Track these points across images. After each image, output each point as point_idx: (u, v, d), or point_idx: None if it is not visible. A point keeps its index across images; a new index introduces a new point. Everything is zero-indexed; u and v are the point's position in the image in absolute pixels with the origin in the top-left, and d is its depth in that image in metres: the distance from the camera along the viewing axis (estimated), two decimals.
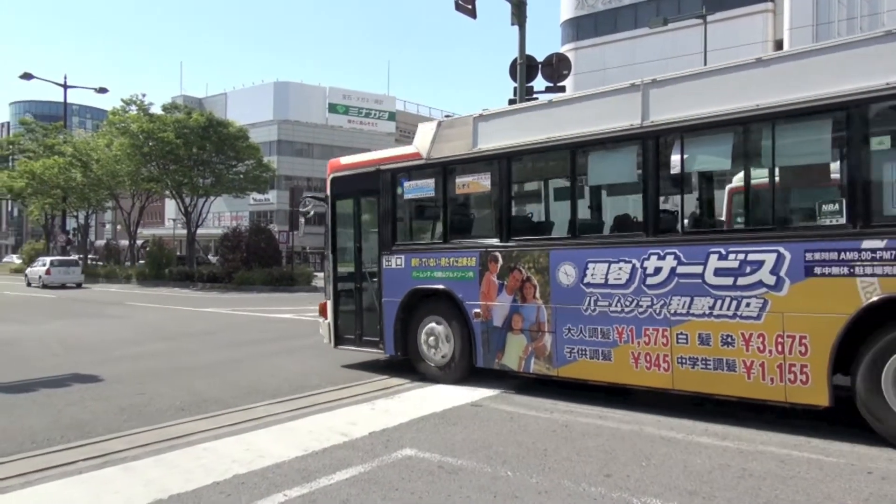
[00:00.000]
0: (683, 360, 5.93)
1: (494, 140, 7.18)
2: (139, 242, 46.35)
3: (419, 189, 7.93)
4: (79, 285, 32.35)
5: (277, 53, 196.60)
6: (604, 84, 6.74)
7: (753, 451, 5.15)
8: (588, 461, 4.93)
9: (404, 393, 7.32)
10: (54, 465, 4.99)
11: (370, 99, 72.09)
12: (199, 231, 37.92)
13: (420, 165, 7.81)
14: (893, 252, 4.93)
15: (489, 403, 6.74)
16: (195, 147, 33.18)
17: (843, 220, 5.20)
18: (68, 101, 41.13)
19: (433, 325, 7.83)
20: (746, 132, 5.68)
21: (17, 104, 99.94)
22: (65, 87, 39.60)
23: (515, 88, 13.30)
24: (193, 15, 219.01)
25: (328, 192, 8.94)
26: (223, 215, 63.86)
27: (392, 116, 72.23)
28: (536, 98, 12.88)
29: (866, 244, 5.05)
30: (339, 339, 8.87)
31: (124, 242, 50.49)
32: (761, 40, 41.51)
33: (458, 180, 7.55)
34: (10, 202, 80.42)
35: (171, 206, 49.64)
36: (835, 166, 5.44)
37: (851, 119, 5.11)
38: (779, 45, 40.55)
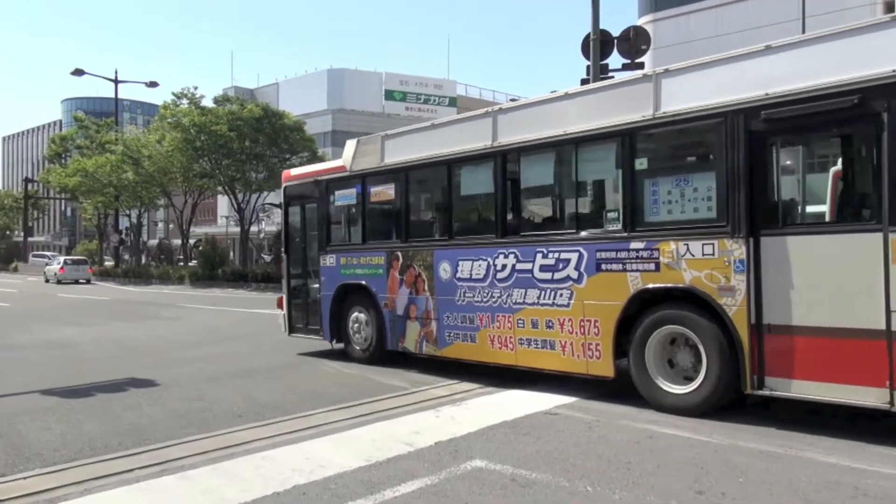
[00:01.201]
0: (522, 341, 7.68)
1: (396, 156, 9.09)
2: (192, 241, 47.92)
3: (345, 198, 9.94)
4: (88, 281, 40.05)
5: (330, 39, 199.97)
6: (687, 58, 6.72)
7: (866, 468, 4.93)
8: (677, 476, 4.81)
9: (471, 400, 7.32)
10: (112, 472, 5.21)
11: (429, 84, 72.43)
12: (253, 228, 38.97)
13: (345, 177, 9.81)
14: (650, 251, 6.53)
15: (565, 412, 6.67)
16: (248, 140, 34.09)
17: (619, 227, 6.80)
18: (119, 96, 42.93)
19: (357, 314, 9.86)
20: (560, 153, 7.39)
21: (68, 101, 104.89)
22: (115, 81, 41.37)
23: (588, 67, 13.11)
24: (243, 3, 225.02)
25: (282, 199, 11.09)
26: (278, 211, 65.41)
27: (453, 102, 72.38)
28: (612, 76, 12.68)
29: (633, 245, 6.65)
30: (291, 329, 11.02)
31: (177, 242, 52.38)
32: (869, 2, 39.57)
33: (372, 190, 9.48)
34: (63, 202, 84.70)
35: (223, 203, 51.17)
36: (615, 182, 6.96)
37: (624, 144, 6.74)
38: (889, 6, 38.54)
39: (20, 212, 68.29)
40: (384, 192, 9.36)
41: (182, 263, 43.62)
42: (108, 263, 47.73)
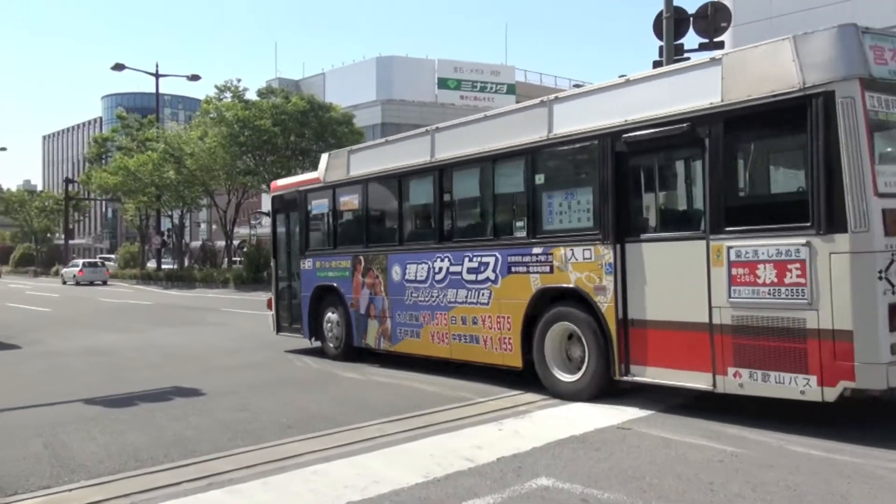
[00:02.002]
0: (455, 337, 9.11)
1: (359, 169, 10.76)
2: (236, 243, 48.94)
3: (320, 207, 11.65)
4: (104, 282, 45.42)
5: (379, 25, 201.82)
6: (770, 36, 6.57)
7: None
8: (767, 499, 4.69)
9: (537, 412, 7.28)
10: (158, 485, 5.35)
11: (485, 70, 72.35)
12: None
13: (319, 188, 11.53)
14: (546, 256, 7.92)
15: (639, 426, 6.58)
16: (293, 135, 34.63)
17: (525, 234, 8.22)
18: (160, 91, 44.14)
19: (329, 314, 11.48)
20: (482, 168, 8.83)
21: (108, 97, 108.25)
22: (156, 76, 42.56)
23: (661, 48, 12.89)
24: None
25: (270, 208, 13.08)
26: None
27: (511, 89, 72.19)
28: (688, 58, 12.46)
29: (534, 250, 8.05)
30: (279, 328, 12.76)
31: (220, 243, 53.57)
32: None
33: (341, 199, 11.18)
34: (104, 203, 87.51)
35: (268, 202, 52.23)
36: (522, 194, 8.34)
37: (527, 161, 8.16)
38: None
39: (61, 214, 70.76)
40: (350, 202, 11.11)
41: (226, 266, 44.58)
42: (151, 266, 49.11)
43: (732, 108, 6.37)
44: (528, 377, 8.46)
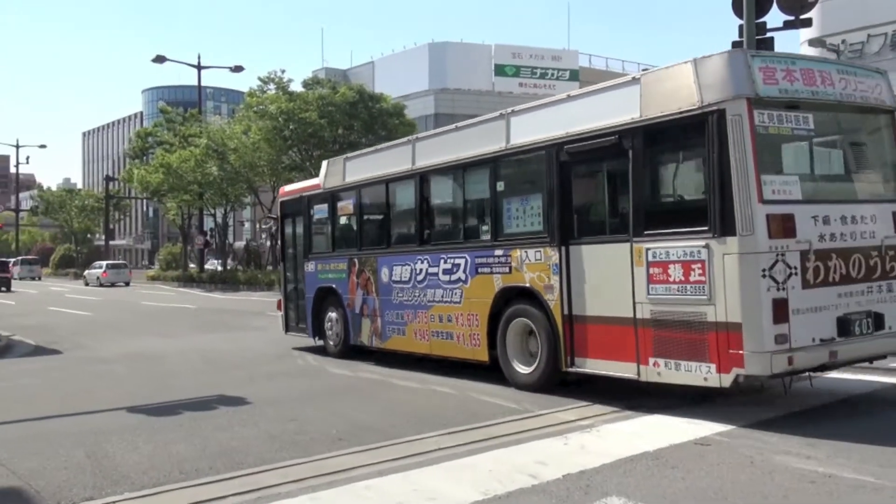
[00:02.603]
0: (434, 333, 10.42)
1: (353, 175, 12.19)
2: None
3: (321, 212, 13.12)
4: (127, 283, 49.36)
5: (431, 9, 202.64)
6: (862, 16, 6.45)
7: None
8: None
9: (605, 426, 7.22)
10: (204, 499, 5.47)
11: (546, 55, 72.01)
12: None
13: (320, 193, 12.99)
14: (506, 257, 9.14)
15: (719, 441, 6.47)
16: (341, 127, 34.96)
17: (489, 237, 9.50)
18: (202, 83, 45.08)
19: (330, 313, 12.89)
20: (455, 175, 10.31)
21: (149, 91, 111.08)
22: (198, 67, 43.50)
23: (741, 27, 12.63)
24: None
25: (278, 213, 14.70)
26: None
27: (574, 75, 71.69)
28: (772, 38, 12.17)
29: (496, 252, 9.28)
30: (288, 327, 14.40)
31: (266, 243, 54.43)
32: None
33: (338, 204, 12.62)
34: (145, 202, 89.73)
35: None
36: (487, 200, 9.70)
37: (490, 170, 9.52)
38: None
39: (101, 213, 72.73)
40: (346, 207, 12.54)
41: (271, 267, 45.26)
42: (193, 268, 50.18)
43: (648, 123, 7.58)
44: (659, 399, 8.34)
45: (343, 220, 12.85)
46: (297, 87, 38.04)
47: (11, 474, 6.26)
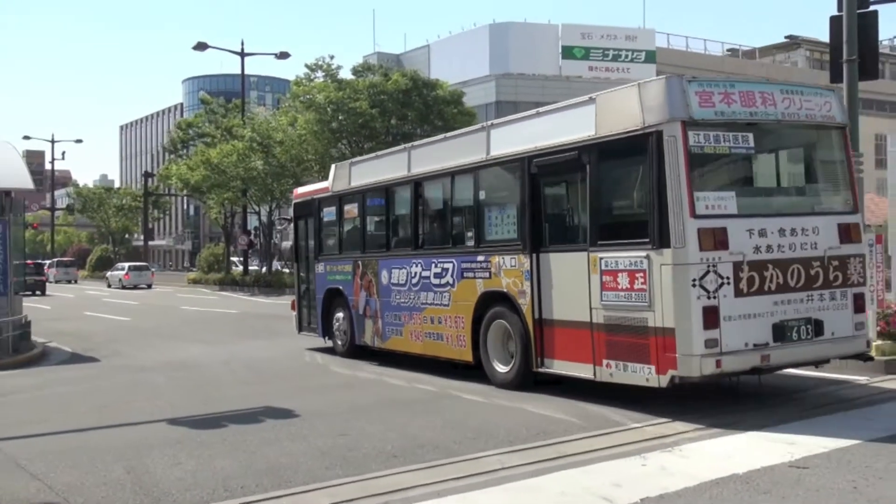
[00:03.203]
0: (427, 334, 11.79)
1: (357, 180, 13.68)
2: None
3: (329, 214, 14.63)
4: (149, 286, 51.72)
5: None
6: None
7: None
8: None
9: (687, 445, 7.13)
10: None
11: (619, 35, 71.25)
12: None
13: (328, 196, 14.49)
14: (487, 263, 10.45)
15: (818, 463, 6.33)
16: (394, 118, 35.14)
17: (473, 244, 10.84)
18: (245, 71, 45.78)
19: (338, 314, 14.36)
20: (444, 183, 11.62)
21: (189, 81, 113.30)
22: (242, 55, 44.19)
23: (840, 1, 12.33)
24: None
25: (292, 214, 16.42)
26: None
27: (651, 57, 70.81)
28: (875, 12, 11.88)
29: (479, 258, 10.59)
30: (300, 327, 15.93)
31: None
32: None
33: (345, 207, 14.11)
34: (185, 199, 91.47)
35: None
36: (472, 208, 11.07)
37: (473, 179, 10.90)
38: None
39: (140, 211, 74.27)
40: (351, 211, 14.04)
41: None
42: (237, 270, 50.95)
43: (601, 140, 8.87)
44: (748, 414, 8.24)
45: (348, 224, 14.33)
46: (346, 74, 38.33)
47: (48, 489, 6.46)
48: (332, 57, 37.47)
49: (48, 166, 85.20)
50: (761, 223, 8.37)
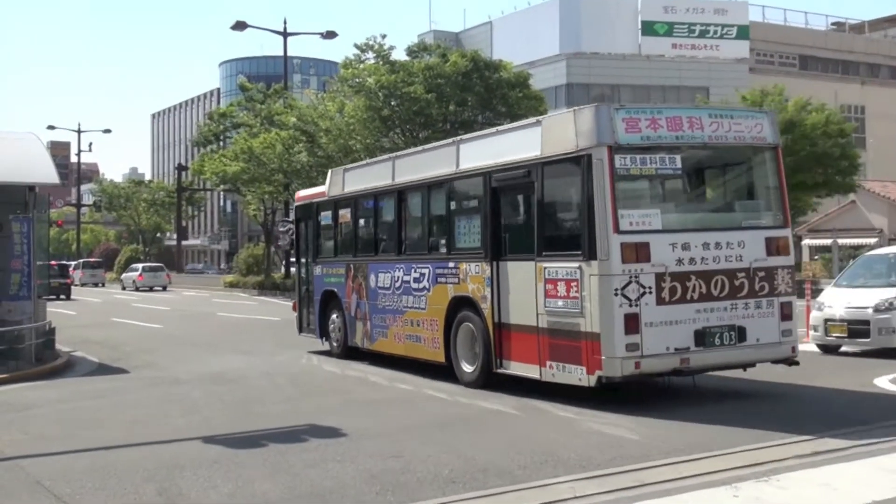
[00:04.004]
0: (408, 336, 13.66)
1: (350, 186, 15.88)
2: None
3: (326, 218, 16.86)
4: (164, 288, 56.23)
5: None
6: None
7: None
8: None
9: (786, 474, 7.04)
10: None
11: (707, 8, 70.34)
12: None
13: (325, 201, 16.73)
14: (456, 269, 12.37)
15: None
16: (452, 103, 35.09)
17: (445, 251, 12.82)
18: (288, 53, 46.23)
19: (333, 315, 16.39)
20: (423, 192, 13.62)
21: (227, 64, 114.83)
22: (284, 35, 44.69)
23: None
24: None
25: (294, 217, 18.78)
26: None
27: (743, 32, 69.80)
28: None
29: (450, 264, 12.50)
30: (301, 328, 18.11)
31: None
32: None
33: (339, 212, 16.30)
34: (222, 195, 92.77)
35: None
36: (444, 217, 13.15)
37: (445, 190, 12.99)
38: None
39: (173, 208, 75.35)
40: (345, 216, 16.21)
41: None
42: (277, 273, 51.39)
43: (545, 160, 10.79)
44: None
45: (342, 228, 16.52)
46: (399, 55, 38.38)
47: None
48: (383, 36, 37.35)
49: (74, 159, 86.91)
50: (685, 238, 10.11)
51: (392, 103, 35.39)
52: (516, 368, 11.30)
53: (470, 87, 35.05)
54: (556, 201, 11.22)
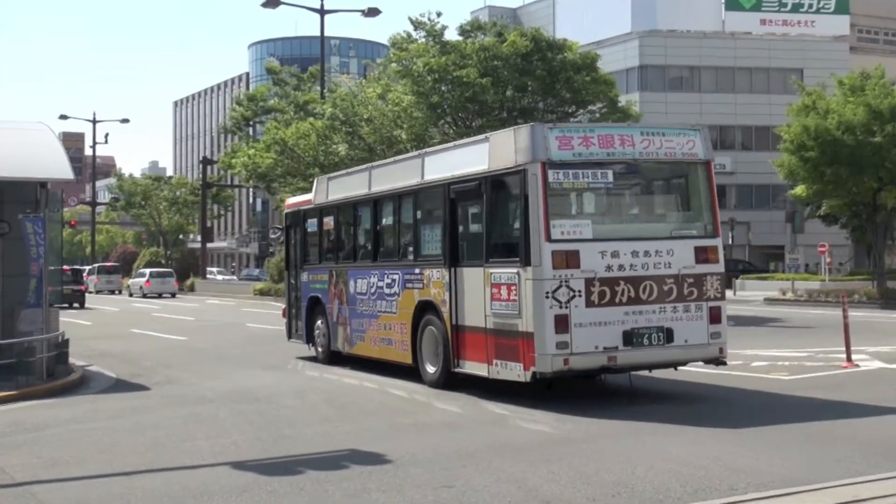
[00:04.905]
0: (381, 340, 16.17)
1: (333, 195, 18.40)
2: None
3: (312, 225, 19.51)
4: (173, 295, 58.24)
5: None
6: None
7: None
8: None
9: None
10: None
11: None
12: None
13: (311, 208, 19.33)
14: (421, 275, 14.87)
15: None
16: (510, 88, 34.96)
17: (412, 257, 15.38)
18: (325, 32, 46.45)
19: (319, 321, 18.86)
20: (394, 202, 16.21)
21: (257, 46, 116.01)
22: (321, 12, 44.92)
23: None
24: None
25: (284, 224, 21.82)
26: None
27: (842, 6, 68.99)
28: None
29: (416, 270, 15.03)
30: (290, 334, 20.71)
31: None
32: None
33: (324, 220, 18.81)
34: (251, 192, 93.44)
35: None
36: (412, 225, 15.66)
37: (413, 199, 15.60)
38: None
39: (197, 207, 75.85)
40: (328, 223, 18.86)
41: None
42: None
43: (491, 174, 13.11)
44: None
45: (326, 235, 19.18)
46: (451, 35, 38.24)
47: None
48: (439, 14, 37.08)
49: (88, 151, 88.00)
50: (615, 246, 12.21)
51: (442, 89, 35.30)
52: (469, 367, 13.47)
53: (530, 71, 34.85)
54: (501, 212, 13.34)
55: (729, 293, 47.51)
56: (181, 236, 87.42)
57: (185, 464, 9.45)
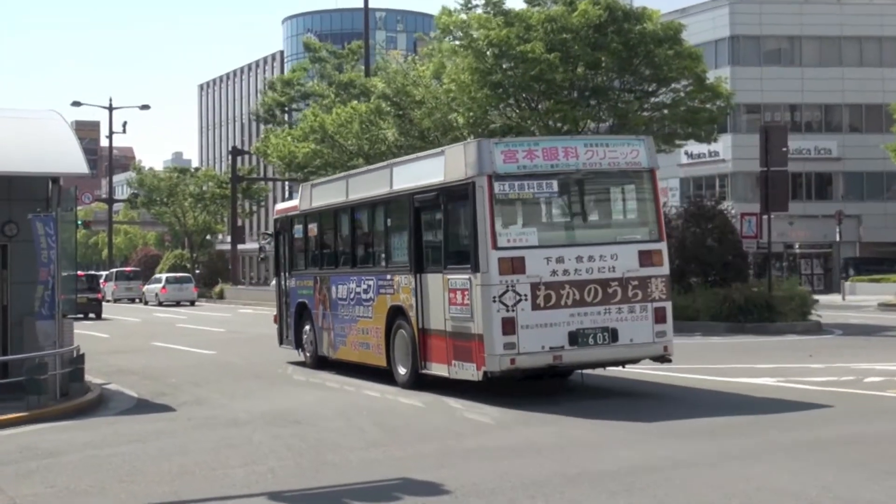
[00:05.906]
0: (360, 344, 19.30)
1: (316, 201, 21.71)
2: None
3: (298, 231, 23.05)
4: (192, 303, 60.24)
5: None
6: None
7: None
8: None
9: None
10: None
11: None
12: None
13: (296, 215, 22.76)
14: (392, 280, 17.97)
15: None
16: (581, 64, 34.74)
17: (384, 264, 18.80)
18: (370, 4, 46.56)
19: (306, 326, 21.94)
20: (368, 209, 19.71)
21: (292, 21, 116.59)
22: None
23: None
24: None
25: (273, 230, 25.41)
26: None
27: None
28: None
29: (388, 276, 18.24)
30: (281, 340, 23.78)
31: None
32: None
33: (308, 226, 22.50)
34: (287, 186, 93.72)
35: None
36: (384, 232, 19.16)
37: (384, 207, 19.00)
38: None
39: (225, 204, 76.05)
40: (312, 229, 22.06)
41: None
42: None
43: (446, 185, 15.73)
44: None
45: (311, 242, 22.33)
46: (514, 3, 38.02)
47: None
48: None
49: (104, 142, 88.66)
50: (559, 252, 14.77)
51: (505, 66, 35.10)
52: (434, 368, 16.03)
53: (604, 45, 34.53)
54: (456, 222, 16.07)
55: (837, 298, 47.65)
56: (209, 237, 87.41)
57: (217, 494, 9.53)
